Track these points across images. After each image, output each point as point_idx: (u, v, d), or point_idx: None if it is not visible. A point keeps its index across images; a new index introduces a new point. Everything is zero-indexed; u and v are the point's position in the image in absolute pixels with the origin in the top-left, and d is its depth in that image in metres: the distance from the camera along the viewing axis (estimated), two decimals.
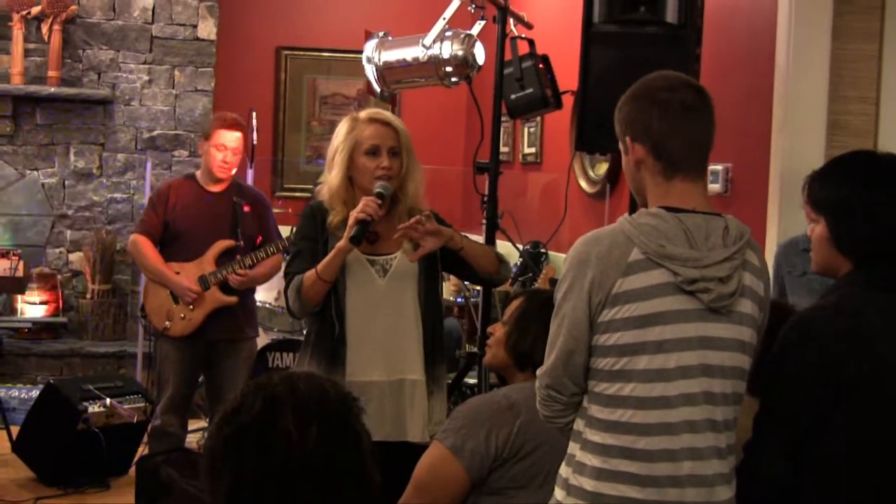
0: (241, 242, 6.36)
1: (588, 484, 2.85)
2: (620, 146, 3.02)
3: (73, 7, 9.15)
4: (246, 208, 6.42)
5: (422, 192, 4.73)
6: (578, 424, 2.93)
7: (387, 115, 4.64)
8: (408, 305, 4.53)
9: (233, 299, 6.33)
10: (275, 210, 6.88)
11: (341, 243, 4.36)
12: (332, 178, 4.56)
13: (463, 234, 4.60)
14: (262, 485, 2.15)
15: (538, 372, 3.00)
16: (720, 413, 2.85)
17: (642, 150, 2.94)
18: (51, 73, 9.09)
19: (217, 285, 6.29)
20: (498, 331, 3.88)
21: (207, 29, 9.57)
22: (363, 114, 4.62)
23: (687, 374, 2.81)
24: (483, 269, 4.58)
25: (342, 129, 4.60)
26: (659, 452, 2.80)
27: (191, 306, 6.27)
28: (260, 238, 6.47)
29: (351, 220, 4.36)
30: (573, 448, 2.94)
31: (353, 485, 2.21)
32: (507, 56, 5.63)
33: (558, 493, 2.94)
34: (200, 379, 6.62)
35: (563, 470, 2.96)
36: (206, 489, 2.24)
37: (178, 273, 6.31)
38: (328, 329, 4.49)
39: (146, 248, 6.38)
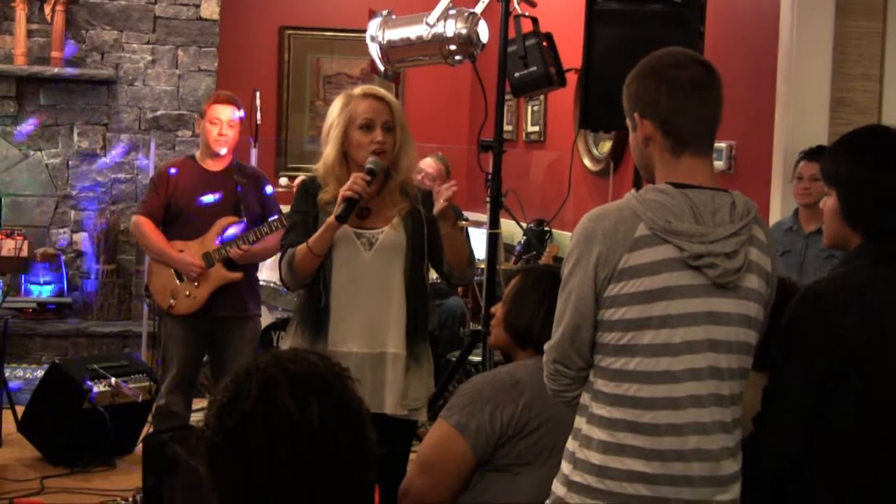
0: (245, 219, 6.35)
1: (595, 457, 2.86)
2: (628, 122, 3.02)
3: None
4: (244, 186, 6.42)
5: (414, 168, 4.77)
6: (585, 398, 2.95)
7: (381, 90, 4.67)
8: (393, 280, 4.56)
9: (237, 275, 6.32)
10: (279, 189, 6.88)
11: (330, 219, 4.41)
12: (326, 153, 4.61)
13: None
14: (276, 471, 2.13)
15: (545, 346, 3.01)
16: (726, 388, 2.86)
17: (651, 126, 2.94)
18: (54, 54, 9.10)
19: (221, 262, 6.29)
20: (498, 311, 3.89)
21: (210, 9, 9.56)
22: (357, 90, 4.66)
23: (693, 349, 2.82)
24: (453, 258, 4.59)
25: (337, 105, 4.64)
26: (664, 426, 2.81)
27: (195, 283, 6.27)
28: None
29: (339, 198, 4.40)
30: (579, 422, 2.95)
31: (360, 457, 2.20)
32: (511, 34, 5.63)
33: (565, 467, 2.96)
34: (205, 358, 6.62)
35: (570, 444, 2.97)
36: (211, 484, 2.21)
37: (181, 251, 6.31)
38: (314, 300, 4.56)
39: (148, 229, 6.37)
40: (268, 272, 7.67)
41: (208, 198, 6.35)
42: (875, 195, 3.01)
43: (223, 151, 6.37)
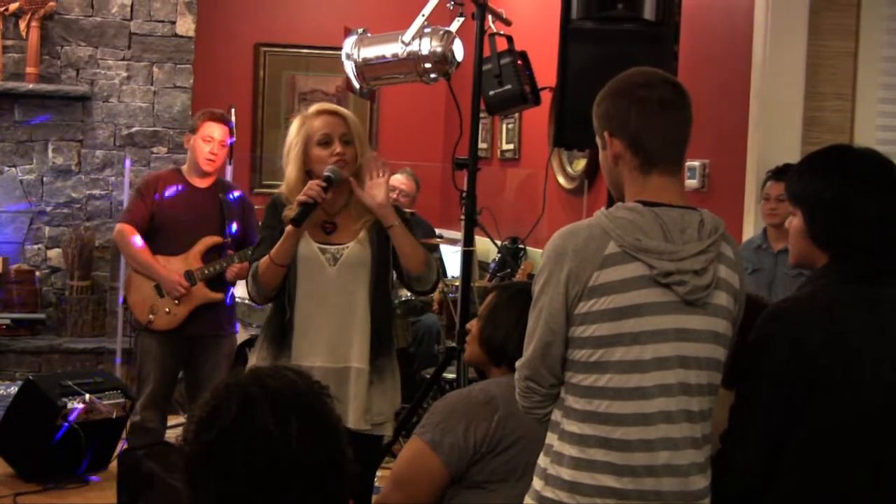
0: (229, 239, 6.36)
1: (566, 473, 2.87)
2: (598, 141, 3.05)
3: (52, 3, 9.12)
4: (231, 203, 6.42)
5: None
6: (556, 415, 2.96)
7: (334, 106, 4.77)
8: (357, 295, 4.61)
9: (219, 296, 6.33)
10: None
11: (288, 227, 4.45)
12: (288, 173, 4.67)
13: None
14: (254, 487, 2.13)
15: (517, 364, 3.02)
16: (696, 403, 2.88)
17: (620, 145, 2.97)
18: (29, 70, 9.06)
19: (203, 281, 6.29)
20: (474, 327, 3.91)
21: (186, 25, 9.56)
22: (311, 109, 4.74)
23: (663, 366, 2.84)
24: (408, 262, 4.62)
25: (294, 126, 4.71)
26: (636, 442, 2.83)
27: (176, 301, 6.26)
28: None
29: (295, 203, 4.46)
30: (551, 438, 2.96)
31: (337, 474, 2.21)
32: (486, 53, 5.65)
33: (536, 483, 2.97)
34: (181, 375, 6.61)
35: (542, 460, 2.98)
36: (188, 499, 2.21)
37: (164, 267, 6.30)
38: (279, 314, 4.63)
39: (133, 238, 6.34)
40: (242, 289, 7.67)
41: (193, 214, 6.34)
42: (841, 215, 3.03)
43: (212, 170, 6.38)
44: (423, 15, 5.61)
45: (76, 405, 6.63)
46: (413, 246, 4.62)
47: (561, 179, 8.12)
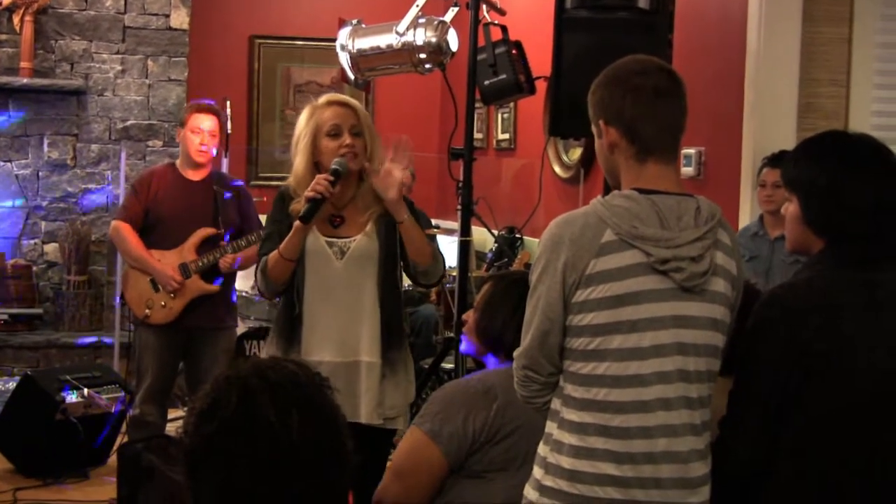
0: (223, 230, 6.36)
1: (566, 462, 2.88)
2: (594, 129, 3.05)
3: None
4: (226, 195, 6.42)
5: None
6: (555, 403, 2.96)
7: (344, 97, 4.74)
8: (366, 288, 4.59)
9: (214, 287, 6.34)
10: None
11: (297, 223, 4.44)
12: (296, 164, 4.65)
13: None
14: (255, 480, 2.13)
15: (515, 353, 3.03)
16: (695, 390, 2.89)
17: (616, 133, 2.97)
18: (23, 65, 9.03)
19: (198, 273, 6.29)
20: (470, 318, 3.90)
21: (180, 18, 9.54)
22: (321, 100, 4.71)
23: (661, 353, 2.84)
24: (417, 255, 4.60)
25: (303, 117, 4.68)
26: (634, 430, 2.84)
27: (171, 294, 6.27)
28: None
29: (304, 199, 4.45)
30: (550, 427, 2.97)
31: (337, 465, 2.21)
32: (481, 42, 5.65)
33: (536, 472, 2.97)
34: (180, 367, 6.61)
35: (542, 449, 2.99)
36: (188, 491, 2.22)
37: (158, 261, 6.31)
38: (289, 309, 4.61)
39: (128, 235, 6.37)
40: (240, 281, 7.67)
41: (187, 207, 6.35)
42: (836, 200, 3.03)
43: (204, 161, 6.38)
44: (418, 5, 5.61)
45: (74, 399, 6.64)
46: (422, 239, 4.60)
47: (557, 168, 8.12)
